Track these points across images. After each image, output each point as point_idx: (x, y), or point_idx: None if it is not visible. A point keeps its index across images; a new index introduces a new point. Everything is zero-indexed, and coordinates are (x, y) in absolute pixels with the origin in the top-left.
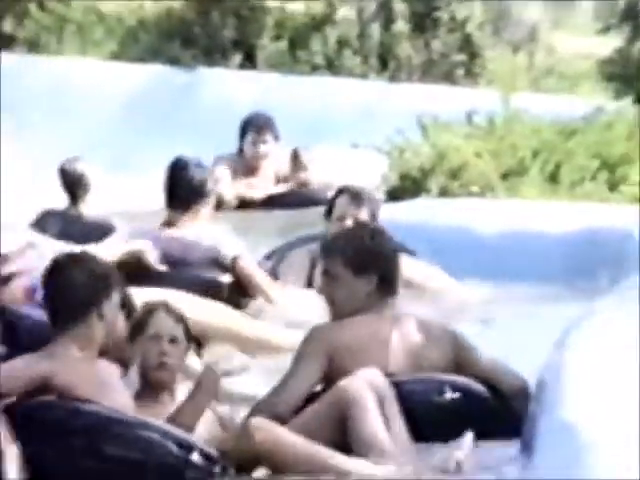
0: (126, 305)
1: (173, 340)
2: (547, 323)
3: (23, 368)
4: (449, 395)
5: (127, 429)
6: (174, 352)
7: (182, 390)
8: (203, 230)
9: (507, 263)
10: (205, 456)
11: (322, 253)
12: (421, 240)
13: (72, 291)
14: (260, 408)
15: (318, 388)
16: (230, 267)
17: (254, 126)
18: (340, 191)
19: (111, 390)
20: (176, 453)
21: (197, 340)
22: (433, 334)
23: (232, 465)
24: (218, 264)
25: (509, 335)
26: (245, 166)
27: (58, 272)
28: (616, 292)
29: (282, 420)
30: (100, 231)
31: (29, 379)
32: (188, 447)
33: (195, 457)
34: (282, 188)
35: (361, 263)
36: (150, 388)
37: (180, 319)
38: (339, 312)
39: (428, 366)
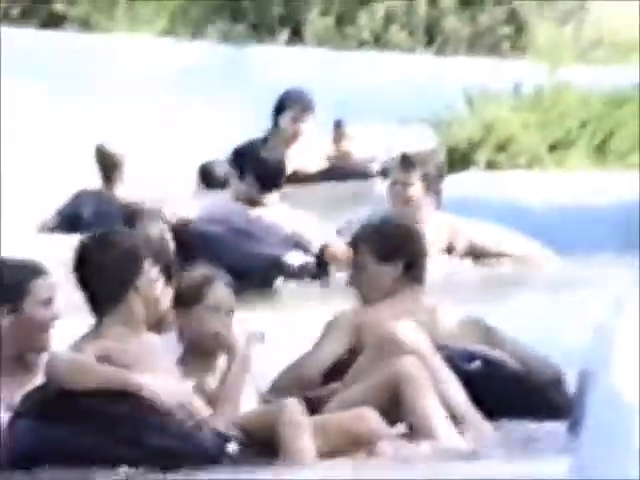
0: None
1: (230, 312)
2: (599, 292)
3: (84, 347)
4: (477, 364)
5: (167, 420)
6: (229, 324)
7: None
8: (286, 214)
9: (555, 235)
10: (240, 443)
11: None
12: (469, 213)
13: (104, 273)
14: (287, 371)
15: None
16: (314, 251)
17: (296, 103)
18: (397, 157)
19: (157, 361)
20: (212, 443)
21: None
22: (462, 326)
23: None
24: (300, 247)
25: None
26: (280, 141)
27: (87, 256)
28: None
29: (305, 383)
30: (132, 214)
31: (94, 356)
32: (224, 437)
33: (230, 447)
34: (321, 163)
35: (386, 250)
36: (196, 354)
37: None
38: (367, 298)
39: None
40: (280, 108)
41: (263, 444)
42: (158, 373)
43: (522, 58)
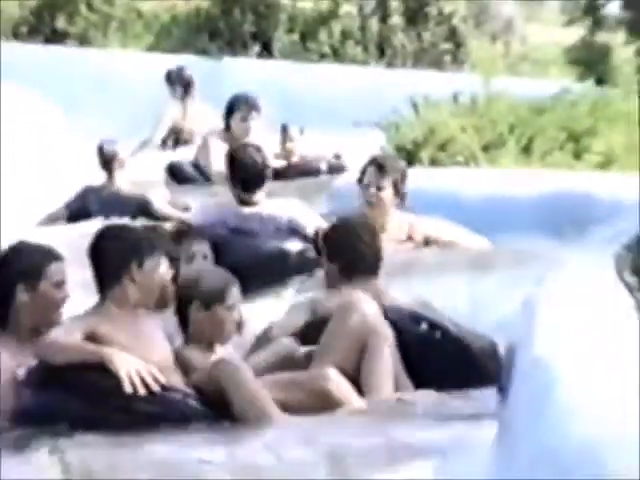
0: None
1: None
2: (525, 273)
3: (77, 324)
4: (424, 327)
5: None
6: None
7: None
8: (279, 204)
9: (488, 223)
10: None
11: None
12: (415, 204)
13: (104, 259)
14: (260, 336)
15: None
16: (310, 236)
17: (243, 104)
18: (370, 161)
19: (149, 342)
20: (184, 406)
21: None
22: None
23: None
24: (297, 234)
25: (500, 282)
26: (233, 140)
27: (96, 244)
28: (582, 246)
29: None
30: (136, 205)
31: (82, 333)
32: (204, 402)
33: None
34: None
35: (329, 252)
36: (198, 343)
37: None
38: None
39: None
40: (230, 111)
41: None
42: (147, 351)
43: (460, 70)
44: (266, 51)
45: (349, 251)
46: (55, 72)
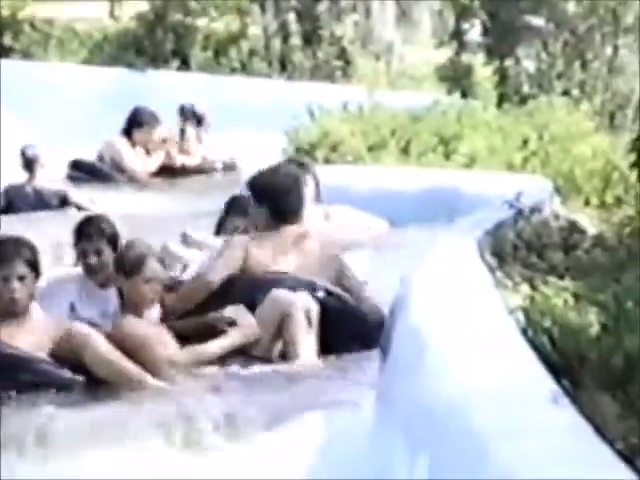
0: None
1: (161, 281)
2: (404, 252)
3: None
4: (321, 294)
5: (31, 364)
6: (158, 290)
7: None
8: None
9: (373, 213)
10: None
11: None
12: None
13: None
14: (192, 280)
15: None
16: None
17: (147, 118)
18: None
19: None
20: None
21: None
22: (324, 258)
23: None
24: None
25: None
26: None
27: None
28: (451, 231)
29: (207, 289)
30: (57, 198)
31: None
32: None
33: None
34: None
35: (257, 196)
36: (131, 308)
37: (161, 260)
38: (250, 231)
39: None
40: (133, 123)
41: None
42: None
43: (349, 84)
44: (184, 65)
45: (276, 194)
46: (3, 83)
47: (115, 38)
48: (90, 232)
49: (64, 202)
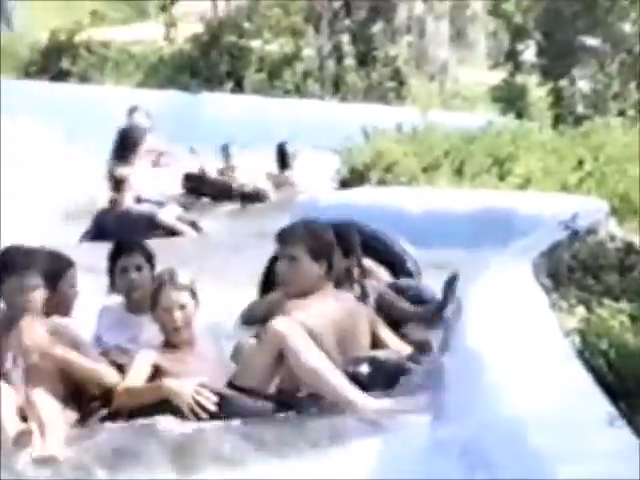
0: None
1: (182, 307)
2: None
3: None
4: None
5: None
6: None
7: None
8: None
9: (427, 234)
10: None
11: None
12: (364, 218)
13: None
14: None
15: None
16: None
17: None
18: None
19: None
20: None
21: None
22: (359, 308)
23: None
24: None
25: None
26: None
27: None
28: (505, 253)
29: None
30: (145, 220)
31: None
32: None
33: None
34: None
35: (317, 250)
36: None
37: (183, 287)
38: (292, 291)
39: (357, 332)
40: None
41: None
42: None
43: (403, 105)
44: (238, 87)
45: (333, 253)
46: (60, 105)
47: (170, 60)
48: (131, 247)
49: (152, 223)
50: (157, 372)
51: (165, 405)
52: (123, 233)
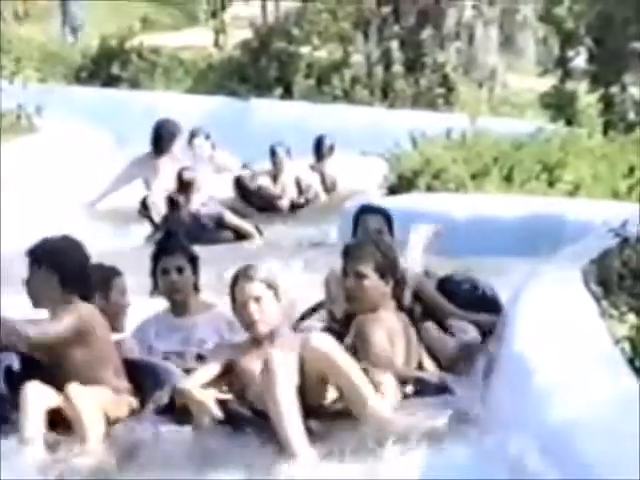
0: None
1: (257, 299)
2: (507, 283)
3: None
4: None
5: None
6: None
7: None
8: None
9: (476, 240)
10: None
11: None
12: (413, 224)
13: None
14: None
15: None
16: None
17: (179, 131)
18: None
19: None
20: None
21: None
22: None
23: None
24: None
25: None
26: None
27: None
28: (555, 260)
29: None
30: (214, 220)
31: None
32: None
33: None
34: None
35: (385, 268)
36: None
37: (257, 279)
38: (358, 306)
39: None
40: (169, 138)
41: None
42: None
43: (451, 111)
44: (287, 93)
45: (398, 270)
46: (110, 111)
47: (219, 66)
48: (172, 248)
49: (220, 224)
50: (230, 368)
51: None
52: (194, 234)
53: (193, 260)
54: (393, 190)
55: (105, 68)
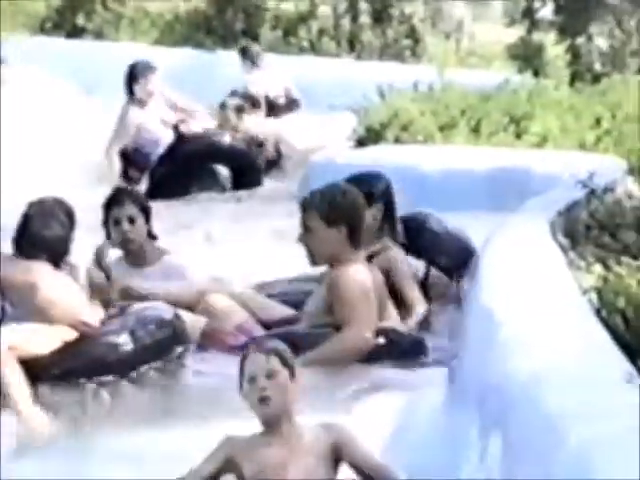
0: None
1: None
2: (474, 234)
3: None
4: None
5: None
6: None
7: None
8: None
9: (443, 192)
10: None
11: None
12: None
13: None
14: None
15: None
16: None
17: (145, 71)
18: None
19: None
20: None
21: None
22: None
23: None
24: None
25: None
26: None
27: None
28: (522, 212)
29: None
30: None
31: None
32: None
33: None
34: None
35: (333, 215)
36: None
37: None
38: (316, 259)
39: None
40: (131, 79)
41: None
42: None
43: (419, 63)
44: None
45: (353, 217)
46: (76, 62)
47: (186, 18)
48: (122, 199)
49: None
50: (231, 465)
51: None
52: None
53: (145, 209)
54: (361, 142)
55: (70, 19)
